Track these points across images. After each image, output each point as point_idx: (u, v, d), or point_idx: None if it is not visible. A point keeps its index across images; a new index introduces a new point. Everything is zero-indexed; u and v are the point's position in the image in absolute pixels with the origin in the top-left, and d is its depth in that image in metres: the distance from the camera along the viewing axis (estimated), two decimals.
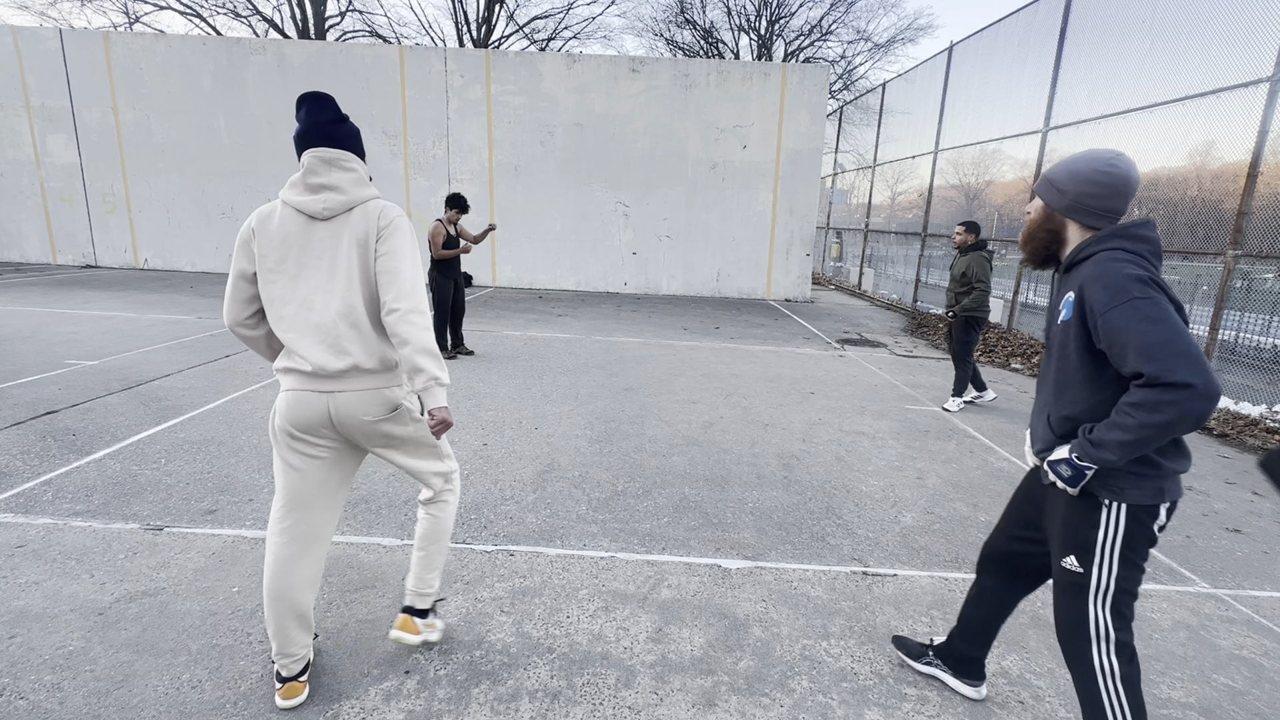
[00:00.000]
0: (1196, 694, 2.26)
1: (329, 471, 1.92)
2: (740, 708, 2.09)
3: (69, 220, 13.33)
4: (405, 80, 12.52)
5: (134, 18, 22.00)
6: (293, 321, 1.78)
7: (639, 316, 10.14)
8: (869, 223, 15.85)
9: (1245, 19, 5.96)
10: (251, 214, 1.83)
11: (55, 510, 3.16)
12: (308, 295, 1.78)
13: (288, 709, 1.96)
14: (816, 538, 3.27)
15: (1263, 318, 6.32)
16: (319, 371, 1.77)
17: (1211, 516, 3.79)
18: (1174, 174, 7.12)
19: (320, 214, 1.77)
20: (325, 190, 1.78)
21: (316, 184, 1.78)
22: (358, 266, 1.78)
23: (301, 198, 1.78)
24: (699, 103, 12.56)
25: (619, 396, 5.56)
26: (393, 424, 1.90)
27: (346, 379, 1.80)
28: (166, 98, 12.70)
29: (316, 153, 1.78)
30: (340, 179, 1.79)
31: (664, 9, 31.91)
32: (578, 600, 2.63)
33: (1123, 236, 1.61)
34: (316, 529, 1.94)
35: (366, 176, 1.87)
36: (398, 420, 1.91)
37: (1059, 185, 1.70)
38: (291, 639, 1.95)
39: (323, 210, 1.77)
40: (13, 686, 2.01)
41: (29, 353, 6.10)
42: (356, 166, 1.83)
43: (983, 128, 10.47)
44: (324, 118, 1.81)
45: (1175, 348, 1.43)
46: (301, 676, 2.00)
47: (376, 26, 24.93)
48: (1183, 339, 1.44)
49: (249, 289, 1.83)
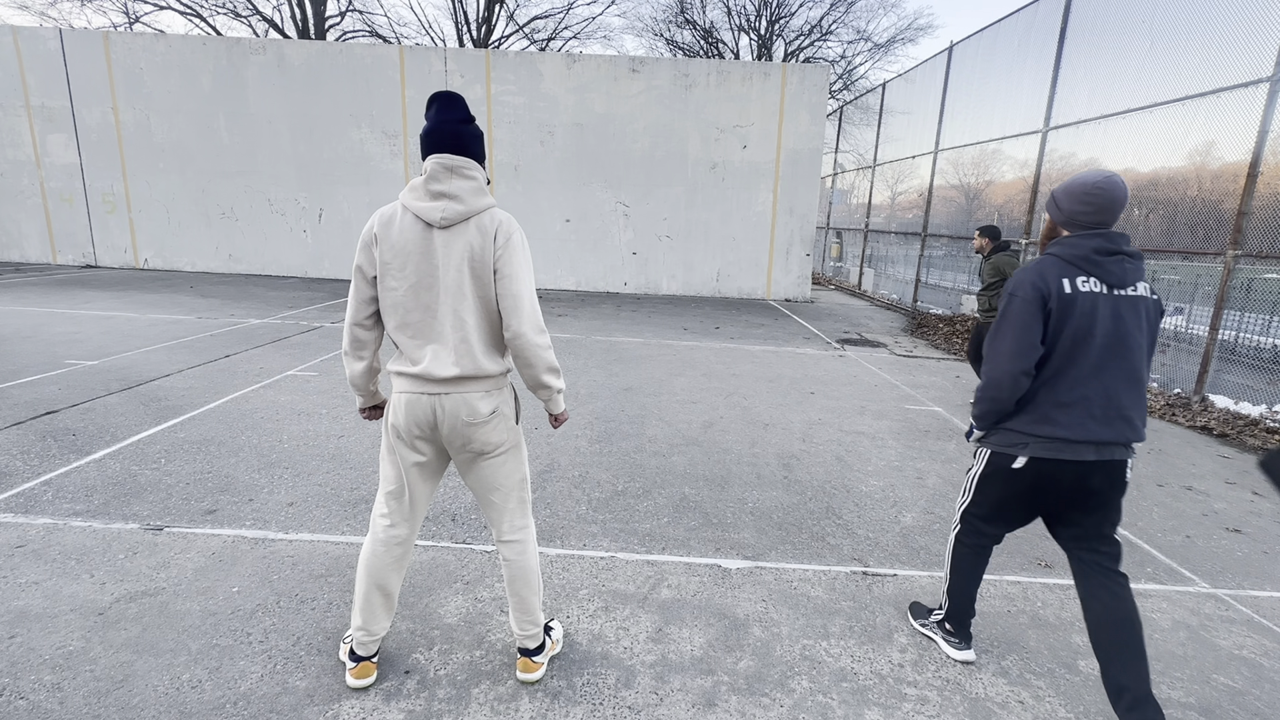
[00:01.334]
0: (1196, 694, 2.26)
1: (425, 471, 2.01)
2: (740, 708, 2.09)
3: (69, 220, 13.33)
4: (405, 80, 12.52)
5: (134, 18, 22.00)
6: (407, 326, 1.85)
7: (639, 316, 10.14)
8: (869, 223, 15.84)
9: (1245, 19, 5.96)
10: (374, 215, 1.86)
11: (55, 510, 3.16)
12: (423, 302, 1.82)
13: (357, 688, 2.06)
14: (816, 538, 3.27)
15: (1263, 318, 6.32)
16: (426, 375, 1.83)
17: (1211, 516, 3.79)
18: (1174, 174, 7.11)
19: (438, 223, 1.78)
20: (445, 198, 1.79)
21: (437, 191, 1.79)
22: (469, 277, 1.81)
23: (421, 204, 1.80)
24: (699, 103, 12.55)
25: (619, 396, 5.56)
26: (488, 429, 1.92)
27: (451, 384, 1.86)
28: (166, 98, 12.70)
29: (440, 159, 1.80)
30: (460, 188, 1.80)
31: (664, 9, 31.92)
32: (578, 600, 2.63)
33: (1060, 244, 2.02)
34: (410, 519, 2.04)
35: (486, 183, 1.88)
36: (493, 426, 1.93)
37: (1058, 202, 2.05)
38: (376, 617, 2.05)
39: (440, 219, 1.78)
40: (13, 686, 2.01)
41: (29, 353, 6.10)
42: (477, 175, 1.84)
43: (983, 128, 10.47)
44: (453, 116, 1.83)
45: (992, 345, 2.04)
46: (374, 658, 2.10)
47: (376, 26, 24.94)
48: (1001, 340, 2.00)
49: (368, 290, 1.88)
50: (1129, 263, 1.94)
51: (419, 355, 1.85)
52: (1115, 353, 1.94)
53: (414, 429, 1.90)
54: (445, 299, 1.81)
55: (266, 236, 13.30)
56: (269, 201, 13.14)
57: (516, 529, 2.09)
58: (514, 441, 2.02)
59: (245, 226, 13.25)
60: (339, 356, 6.50)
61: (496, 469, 2.00)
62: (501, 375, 1.93)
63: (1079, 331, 1.93)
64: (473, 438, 1.91)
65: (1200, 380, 6.10)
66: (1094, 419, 1.95)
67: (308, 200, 13.13)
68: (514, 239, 1.83)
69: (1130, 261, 1.95)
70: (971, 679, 2.28)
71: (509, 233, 1.83)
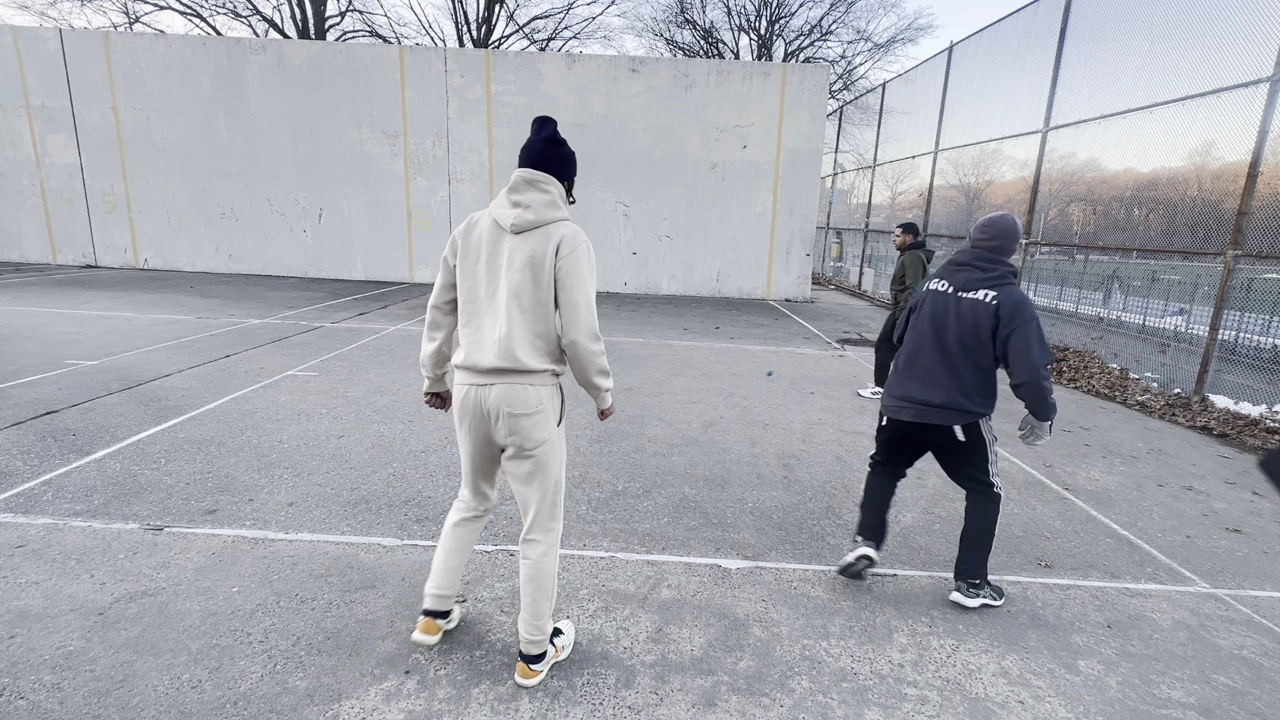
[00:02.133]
0: (1196, 694, 2.26)
1: (481, 456, 2.16)
2: (740, 708, 2.09)
3: (69, 220, 13.33)
4: (405, 80, 12.52)
5: (134, 18, 22.00)
6: (469, 318, 2.02)
7: (639, 316, 10.14)
8: (869, 223, 15.84)
9: (1245, 19, 5.95)
10: (468, 216, 2.12)
11: (55, 510, 3.16)
12: (483, 296, 2.00)
13: (421, 643, 2.20)
14: (816, 538, 3.27)
15: (1263, 318, 6.32)
16: (476, 367, 1.99)
17: (1211, 516, 3.79)
18: (1174, 174, 7.12)
19: (509, 227, 1.95)
20: (519, 207, 1.96)
21: (514, 200, 1.98)
22: (529, 281, 1.94)
23: (501, 210, 1.99)
24: (699, 103, 12.55)
25: (619, 396, 5.56)
26: (529, 423, 2.01)
27: (494, 375, 1.99)
28: (166, 98, 12.70)
29: (523, 172, 1.99)
30: (534, 199, 1.97)
31: (664, 9, 31.93)
32: (578, 600, 2.63)
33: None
34: (476, 494, 2.26)
35: (562, 199, 2.03)
36: (535, 421, 2.02)
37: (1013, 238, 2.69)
38: (449, 582, 2.24)
39: (512, 225, 1.95)
40: (13, 686, 2.01)
41: (29, 353, 6.10)
42: (553, 189, 2.00)
43: (983, 128, 10.47)
44: (543, 135, 2.03)
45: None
46: (441, 619, 2.24)
47: (376, 26, 24.94)
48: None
49: (449, 277, 2.08)
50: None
51: (472, 347, 2.00)
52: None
53: (466, 417, 2.06)
54: (503, 297, 1.96)
55: (266, 236, 13.30)
56: (269, 201, 13.15)
57: (542, 529, 2.13)
58: (554, 442, 2.09)
59: (245, 226, 13.25)
60: (339, 356, 6.50)
61: (534, 467, 2.07)
62: (545, 373, 2.01)
63: None
64: (515, 429, 2.01)
65: (1200, 380, 6.10)
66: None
67: (308, 200, 13.13)
68: (579, 251, 1.96)
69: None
70: (971, 679, 2.28)
71: (574, 245, 1.96)
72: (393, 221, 13.17)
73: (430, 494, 3.54)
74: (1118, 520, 3.67)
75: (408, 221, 13.16)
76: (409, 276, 13.40)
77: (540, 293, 1.95)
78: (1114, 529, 3.56)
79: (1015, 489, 4.02)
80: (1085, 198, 8.68)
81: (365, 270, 13.41)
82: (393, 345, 7.22)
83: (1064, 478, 4.26)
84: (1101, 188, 8.43)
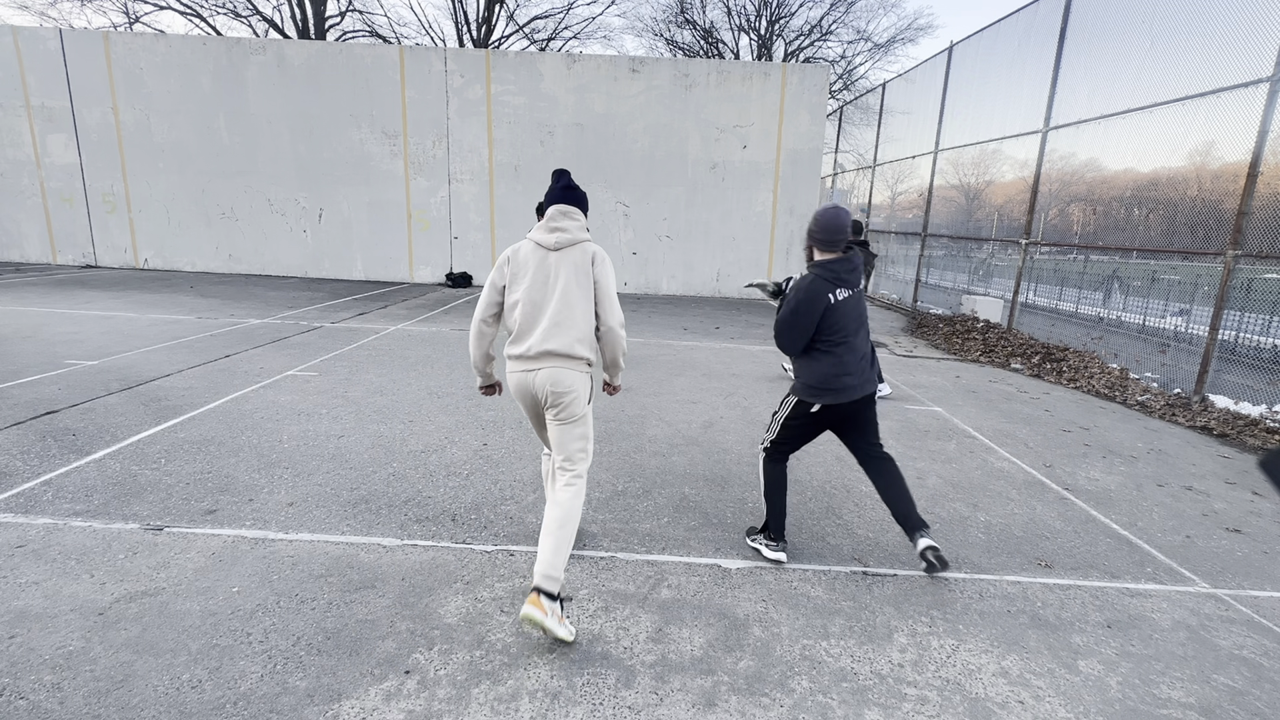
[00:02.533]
0: (1196, 694, 2.26)
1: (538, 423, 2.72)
2: (740, 708, 2.09)
3: (69, 220, 13.33)
4: (405, 80, 12.52)
5: (134, 18, 22.00)
6: (522, 317, 2.51)
7: (639, 316, 10.14)
8: (869, 223, 15.83)
9: (1245, 19, 5.95)
10: (508, 248, 2.60)
11: (55, 510, 3.16)
12: (535, 300, 2.51)
13: (527, 619, 2.22)
14: (816, 538, 3.27)
15: (1263, 318, 6.32)
16: (526, 354, 2.48)
17: (1211, 516, 3.79)
18: (1174, 174, 7.12)
19: (553, 246, 2.53)
20: (559, 231, 2.55)
21: (554, 227, 2.55)
22: (575, 283, 2.51)
23: (542, 235, 2.55)
24: (699, 103, 12.55)
25: (619, 396, 5.55)
26: (569, 399, 2.51)
27: (546, 359, 2.48)
28: (166, 98, 12.70)
29: (559, 207, 2.57)
30: (569, 225, 2.57)
31: (664, 9, 31.91)
32: (578, 600, 2.63)
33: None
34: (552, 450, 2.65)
35: (585, 226, 2.62)
36: (573, 399, 2.52)
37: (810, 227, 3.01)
38: (557, 563, 2.32)
39: (555, 244, 2.53)
40: (13, 686, 2.01)
41: (29, 353, 6.10)
42: (580, 219, 2.60)
43: (983, 128, 10.46)
44: (563, 183, 2.62)
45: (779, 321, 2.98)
46: (550, 600, 2.27)
47: (376, 26, 24.93)
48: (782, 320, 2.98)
49: (496, 296, 2.58)
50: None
51: (525, 340, 2.49)
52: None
53: (520, 396, 2.58)
54: (552, 299, 2.50)
55: (266, 236, 13.30)
56: (269, 201, 13.15)
57: (575, 473, 2.55)
58: (584, 415, 2.61)
59: (245, 226, 13.25)
60: (339, 356, 6.51)
61: (570, 429, 2.58)
62: (583, 360, 2.52)
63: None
64: (558, 403, 2.51)
65: (1200, 380, 6.10)
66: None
67: (308, 200, 13.13)
68: (607, 261, 2.62)
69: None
70: (971, 679, 2.28)
71: (604, 257, 2.61)
72: (393, 221, 13.17)
73: (430, 494, 3.54)
74: (1118, 520, 3.67)
75: (408, 222, 13.17)
76: (409, 277, 13.40)
77: (583, 292, 2.52)
78: (1114, 529, 3.56)
79: (1015, 489, 4.02)
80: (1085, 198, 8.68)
81: (365, 270, 13.41)
82: (393, 345, 7.22)
83: (1064, 478, 4.26)
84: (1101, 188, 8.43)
